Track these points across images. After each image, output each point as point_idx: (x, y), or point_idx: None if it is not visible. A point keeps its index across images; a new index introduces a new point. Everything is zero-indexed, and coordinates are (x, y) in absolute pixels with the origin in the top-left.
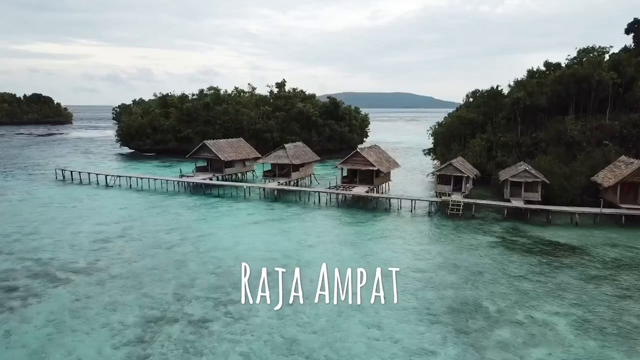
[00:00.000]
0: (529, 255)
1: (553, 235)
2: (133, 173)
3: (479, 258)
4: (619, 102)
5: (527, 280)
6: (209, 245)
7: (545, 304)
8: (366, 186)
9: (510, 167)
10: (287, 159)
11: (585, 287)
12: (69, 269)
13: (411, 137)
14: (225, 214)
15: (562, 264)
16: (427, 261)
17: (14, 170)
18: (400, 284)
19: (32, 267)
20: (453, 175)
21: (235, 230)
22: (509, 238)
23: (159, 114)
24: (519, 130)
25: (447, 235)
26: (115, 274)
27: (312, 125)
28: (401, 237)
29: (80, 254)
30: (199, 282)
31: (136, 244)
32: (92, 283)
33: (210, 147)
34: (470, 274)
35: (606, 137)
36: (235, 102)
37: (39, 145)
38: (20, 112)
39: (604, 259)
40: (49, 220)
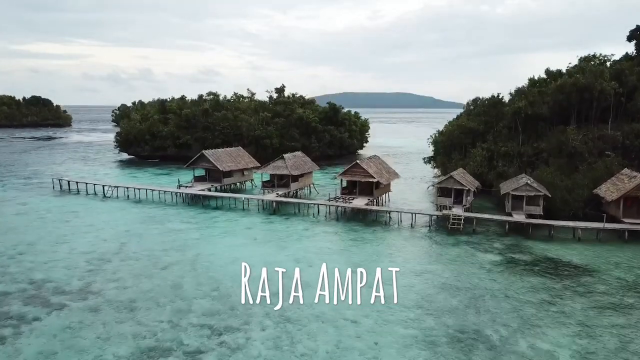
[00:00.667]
0: (531, 276)
1: (555, 252)
2: (130, 184)
3: (480, 279)
4: (621, 112)
5: (530, 305)
6: (205, 265)
7: (549, 331)
8: (366, 198)
9: (511, 180)
10: (286, 169)
11: (589, 313)
12: (63, 293)
13: (411, 141)
14: (223, 228)
15: (565, 287)
16: (427, 283)
17: (11, 179)
18: (401, 309)
19: (26, 289)
20: (454, 188)
21: (232, 248)
22: (511, 256)
23: (158, 120)
24: (520, 140)
25: (448, 253)
26: (110, 297)
27: (311, 131)
28: (401, 255)
29: (75, 275)
30: (195, 307)
31: (132, 263)
32: (86, 309)
33: (209, 157)
34: (472, 297)
35: (608, 147)
36: (234, 108)
37: (38, 150)
38: (20, 115)
39: (607, 280)
40: (44, 236)
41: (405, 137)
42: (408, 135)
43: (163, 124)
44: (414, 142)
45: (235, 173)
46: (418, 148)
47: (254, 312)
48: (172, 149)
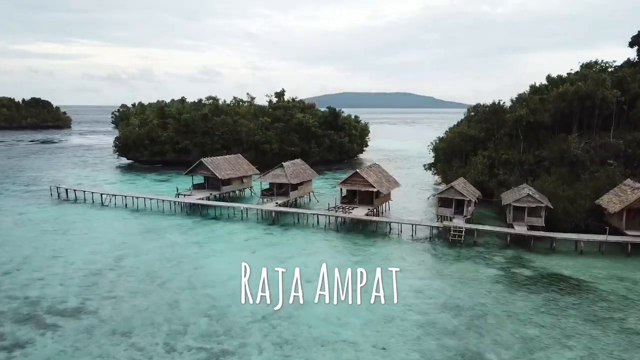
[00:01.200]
0: (533, 293)
1: (558, 266)
2: (129, 192)
3: (482, 296)
4: (623, 119)
5: (532, 325)
6: (203, 280)
7: (552, 353)
8: (366, 207)
9: (513, 190)
10: (286, 178)
11: (592, 333)
12: (58, 312)
13: (411, 144)
14: (222, 239)
15: (567, 304)
16: (428, 301)
17: (9, 186)
18: (401, 331)
19: (20, 308)
20: (455, 199)
21: (230, 262)
22: (513, 270)
23: (157, 124)
24: (522, 148)
25: (449, 268)
26: (105, 317)
27: (311, 136)
28: (402, 270)
29: (70, 292)
30: (191, 328)
31: (128, 278)
32: (80, 330)
33: (208, 165)
34: (473, 316)
35: (610, 156)
36: (233, 112)
37: (37, 154)
38: (19, 117)
39: (611, 297)
40: (40, 249)
41: (406, 140)
42: (408, 138)
43: (162, 129)
44: (414, 144)
45: (234, 181)
46: (418, 151)
47: (250, 332)
48: (171, 154)
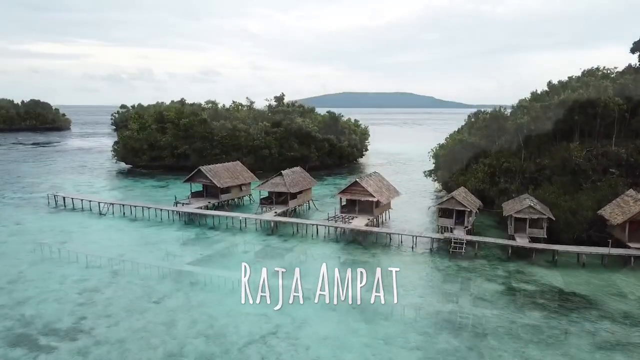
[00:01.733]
0: (535, 310)
1: (560, 280)
2: (127, 201)
3: (482, 315)
4: (625, 127)
5: (534, 346)
6: (200, 297)
7: None
8: (366, 216)
9: (514, 200)
10: (285, 186)
11: (595, 356)
12: (53, 331)
13: (412, 147)
14: (220, 252)
15: (570, 322)
16: (429, 319)
17: (5, 193)
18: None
19: (14, 328)
20: (455, 209)
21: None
22: (514, 285)
23: (156, 129)
24: (522, 156)
25: (450, 282)
26: (100, 338)
27: (311, 140)
28: (402, 285)
29: (65, 310)
30: (188, 349)
31: (125, 295)
32: (74, 352)
33: (206, 173)
34: (474, 336)
35: (612, 164)
36: (233, 117)
37: (35, 158)
38: (19, 119)
39: (614, 315)
40: (36, 262)
41: (406, 143)
42: (408, 140)
43: (161, 134)
44: (413, 147)
45: (233, 189)
46: (419, 154)
47: (248, 354)
48: (170, 159)
